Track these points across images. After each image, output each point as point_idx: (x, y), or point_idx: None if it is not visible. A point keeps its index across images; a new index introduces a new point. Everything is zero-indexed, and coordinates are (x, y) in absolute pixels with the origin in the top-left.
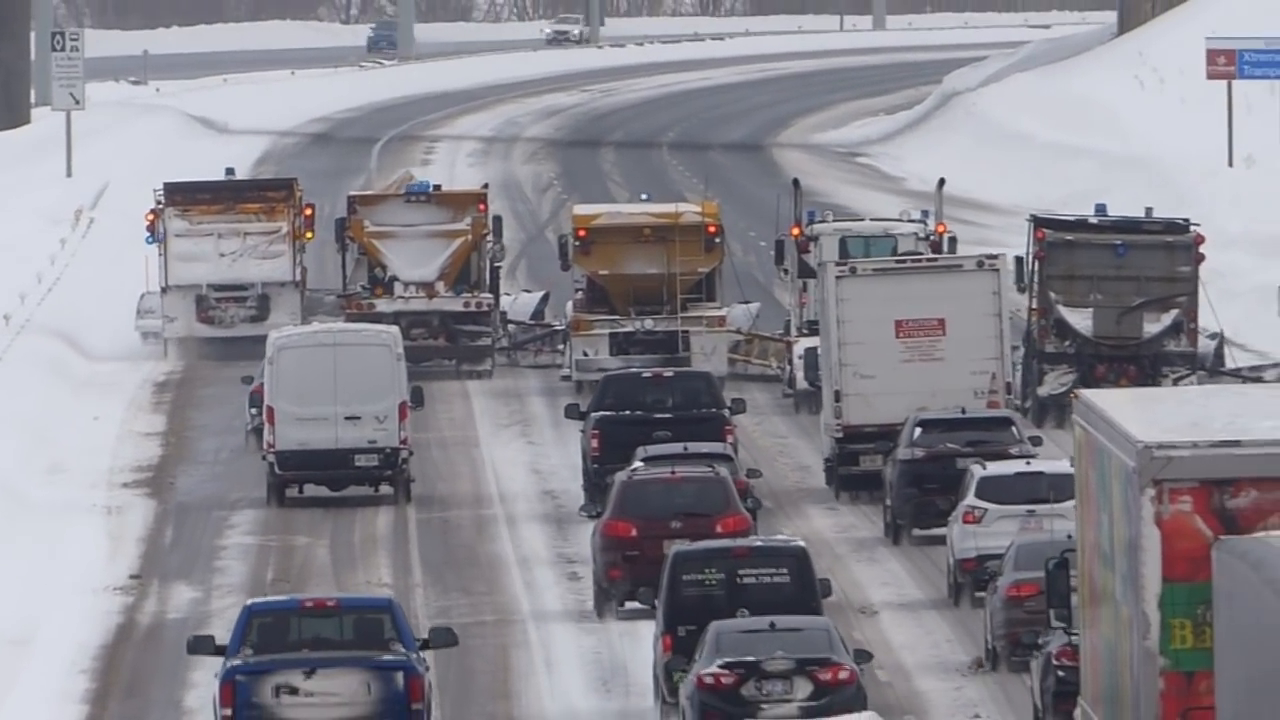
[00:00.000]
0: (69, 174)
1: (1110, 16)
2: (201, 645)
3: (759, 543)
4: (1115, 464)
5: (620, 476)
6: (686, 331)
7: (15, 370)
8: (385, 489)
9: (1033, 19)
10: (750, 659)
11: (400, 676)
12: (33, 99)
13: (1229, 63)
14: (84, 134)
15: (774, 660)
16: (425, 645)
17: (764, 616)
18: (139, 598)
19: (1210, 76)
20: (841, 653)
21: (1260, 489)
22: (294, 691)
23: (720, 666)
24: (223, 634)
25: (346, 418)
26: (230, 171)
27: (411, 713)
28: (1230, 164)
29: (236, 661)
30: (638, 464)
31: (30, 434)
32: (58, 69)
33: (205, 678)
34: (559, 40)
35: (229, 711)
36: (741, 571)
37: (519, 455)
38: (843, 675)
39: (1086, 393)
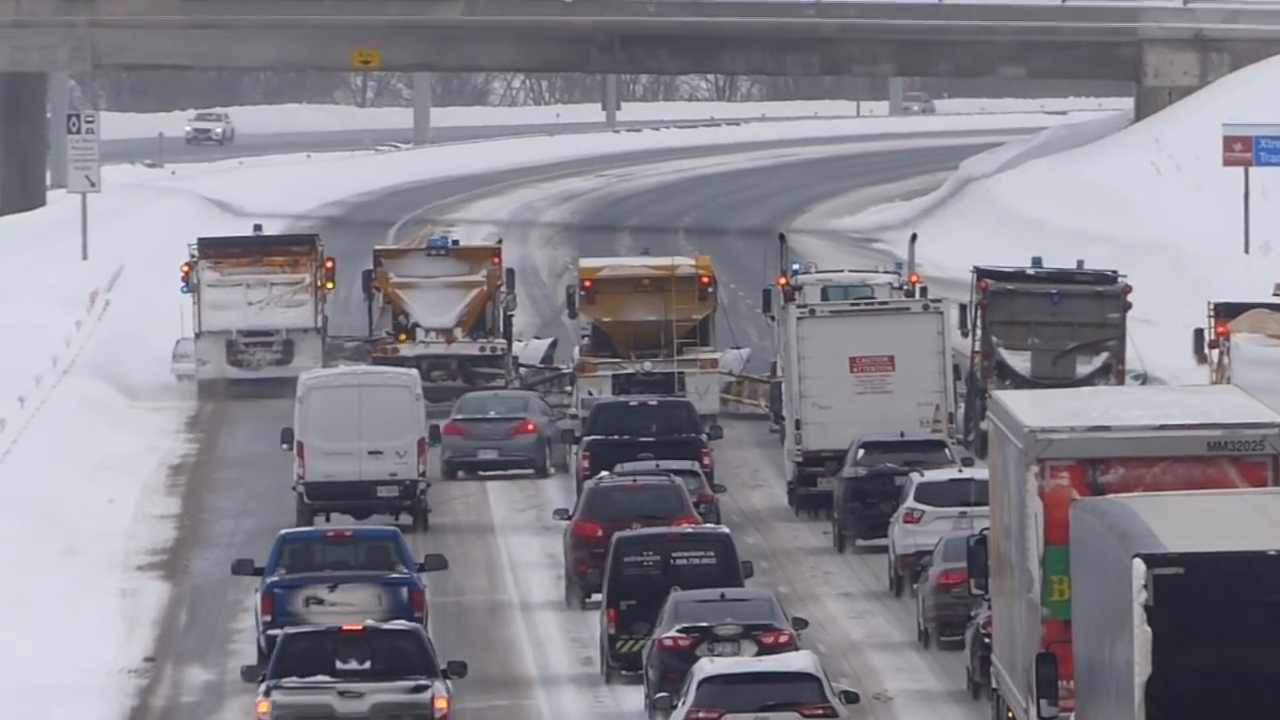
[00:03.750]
0: (84, 256)
1: (1127, 103)
2: (243, 567)
3: (689, 529)
4: (1011, 449)
5: (589, 484)
6: (682, 373)
7: (30, 452)
8: (405, 518)
9: (1049, 105)
10: (704, 624)
11: (405, 590)
12: (48, 182)
13: (1245, 149)
14: (99, 217)
15: (724, 625)
16: (423, 568)
17: (711, 590)
18: (153, 680)
19: (1227, 163)
20: (782, 620)
21: (1127, 467)
22: (320, 602)
23: (678, 631)
24: (261, 561)
25: (370, 452)
26: (258, 228)
27: (413, 619)
28: (1246, 251)
29: (274, 578)
30: (604, 473)
31: (44, 516)
32: (74, 152)
33: None
34: (199, 139)
35: (269, 618)
36: (675, 554)
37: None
38: (783, 639)
39: (999, 393)
